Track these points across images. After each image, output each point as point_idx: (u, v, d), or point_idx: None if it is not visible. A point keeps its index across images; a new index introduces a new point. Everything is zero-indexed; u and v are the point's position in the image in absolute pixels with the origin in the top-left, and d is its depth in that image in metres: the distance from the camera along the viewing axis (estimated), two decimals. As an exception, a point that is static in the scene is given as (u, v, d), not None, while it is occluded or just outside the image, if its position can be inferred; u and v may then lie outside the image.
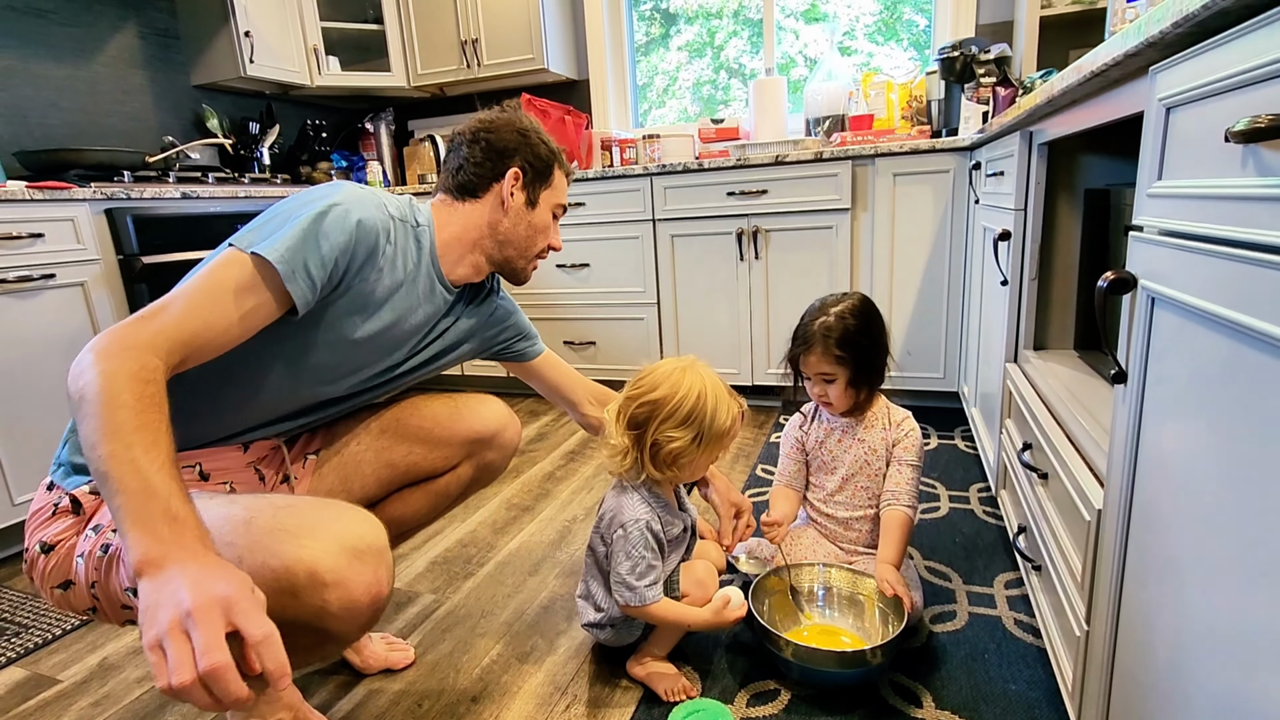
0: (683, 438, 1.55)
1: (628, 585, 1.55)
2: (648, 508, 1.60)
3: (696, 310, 3.74)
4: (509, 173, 1.52)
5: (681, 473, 1.60)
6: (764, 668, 1.74)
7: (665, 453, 1.57)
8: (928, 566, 2.12)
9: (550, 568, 2.27)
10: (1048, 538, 1.54)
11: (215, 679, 0.86)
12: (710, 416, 1.55)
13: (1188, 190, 0.95)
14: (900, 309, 3.36)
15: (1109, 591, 1.16)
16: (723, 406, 1.56)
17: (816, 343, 1.81)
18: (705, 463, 1.62)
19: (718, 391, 1.58)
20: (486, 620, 2.00)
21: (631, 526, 1.57)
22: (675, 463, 1.58)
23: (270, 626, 0.91)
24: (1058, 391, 1.68)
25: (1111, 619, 1.15)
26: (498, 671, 1.78)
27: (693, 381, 1.58)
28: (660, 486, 1.65)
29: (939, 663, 1.71)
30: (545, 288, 4.02)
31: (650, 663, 1.70)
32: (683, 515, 1.71)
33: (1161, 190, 1.02)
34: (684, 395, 1.56)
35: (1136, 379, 1.06)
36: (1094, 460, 1.35)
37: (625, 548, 1.57)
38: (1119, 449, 1.11)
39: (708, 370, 1.61)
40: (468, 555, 2.37)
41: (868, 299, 1.89)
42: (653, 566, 1.57)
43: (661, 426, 1.56)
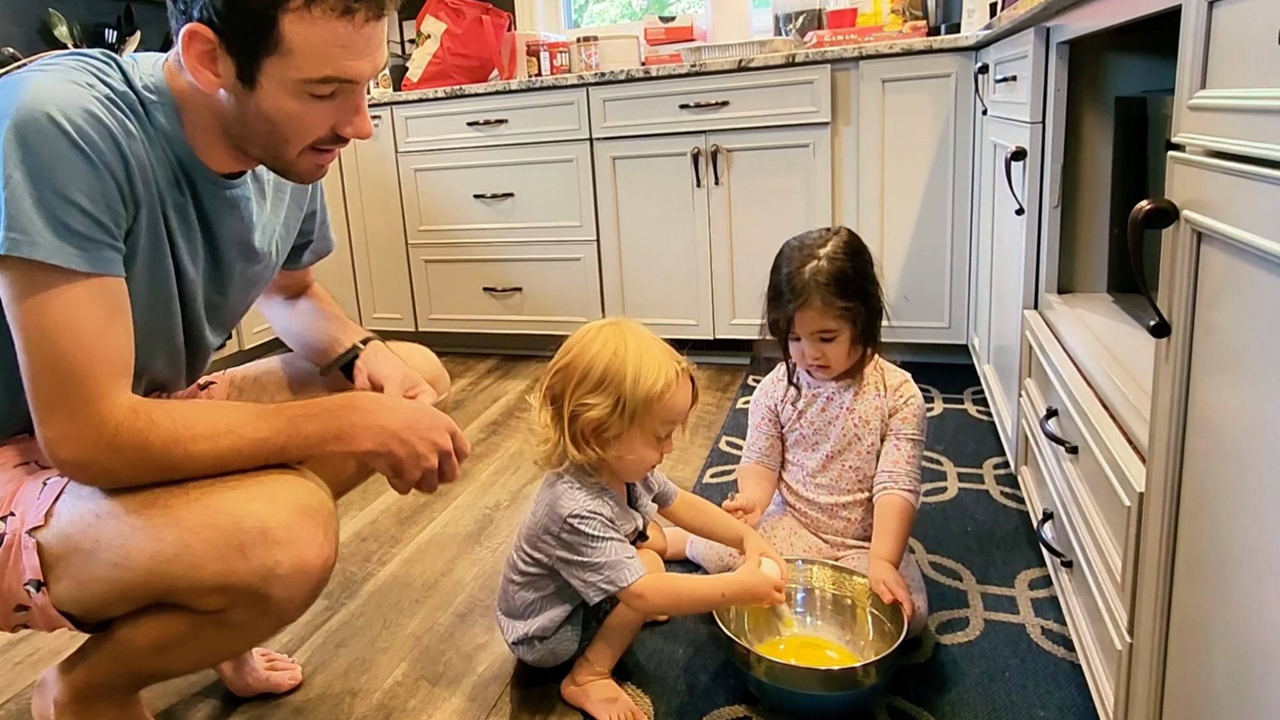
0: (599, 404, 1.57)
1: (611, 565, 1.57)
2: (591, 497, 1.62)
3: (644, 248, 3.77)
4: (183, 32, 1.22)
5: (611, 451, 1.60)
6: (731, 689, 1.73)
7: (584, 425, 1.58)
8: (932, 563, 2.12)
9: (467, 566, 2.27)
10: (1079, 526, 1.54)
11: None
12: (632, 378, 1.56)
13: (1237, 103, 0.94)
14: (894, 245, 3.39)
15: (1156, 594, 1.14)
16: (649, 366, 1.57)
17: (814, 294, 1.81)
18: (645, 442, 1.61)
19: (643, 349, 1.59)
20: (390, 632, 2.01)
21: (582, 523, 1.59)
22: (600, 437, 1.59)
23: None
24: (1088, 345, 1.67)
25: (1159, 628, 1.14)
26: (403, 696, 1.79)
27: (608, 338, 1.60)
28: (602, 476, 1.66)
29: (948, 683, 1.71)
30: (458, 222, 4.06)
31: (590, 683, 1.71)
32: (634, 515, 1.72)
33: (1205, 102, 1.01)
34: (596, 354, 1.58)
35: (1182, 331, 1.05)
36: (1133, 431, 1.34)
37: (578, 541, 1.59)
38: (1163, 417, 1.10)
39: (636, 328, 1.63)
40: (366, 552, 2.38)
41: (853, 233, 1.91)
42: (623, 543, 1.60)
43: (575, 394, 1.58)
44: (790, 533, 1.98)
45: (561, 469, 1.66)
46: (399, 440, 1.34)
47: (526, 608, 1.72)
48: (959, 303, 3.34)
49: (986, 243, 2.89)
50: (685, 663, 1.82)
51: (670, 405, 1.59)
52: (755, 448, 2.03)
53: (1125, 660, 1.27)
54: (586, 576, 1.60)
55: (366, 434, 1.33)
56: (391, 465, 1.35)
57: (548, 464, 1.66)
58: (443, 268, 4.16)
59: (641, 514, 1.74)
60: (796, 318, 1.84)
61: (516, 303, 4.04)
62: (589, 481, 1.64)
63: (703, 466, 2.76)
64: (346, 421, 1.32)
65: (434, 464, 1.36)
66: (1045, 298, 2.07)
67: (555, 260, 3.92)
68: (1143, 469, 1.24)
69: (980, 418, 3.00)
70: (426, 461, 1.36)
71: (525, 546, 1.70)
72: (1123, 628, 1.28)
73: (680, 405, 1.61)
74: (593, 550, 1.58)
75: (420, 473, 1.36)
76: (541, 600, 1.71)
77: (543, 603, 1.71)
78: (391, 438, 1.34)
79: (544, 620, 1.71)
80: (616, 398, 1.56)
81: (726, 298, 3.67)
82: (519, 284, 4.01)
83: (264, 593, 1.23)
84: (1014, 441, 2.30)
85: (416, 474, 1.36)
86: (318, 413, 1.32)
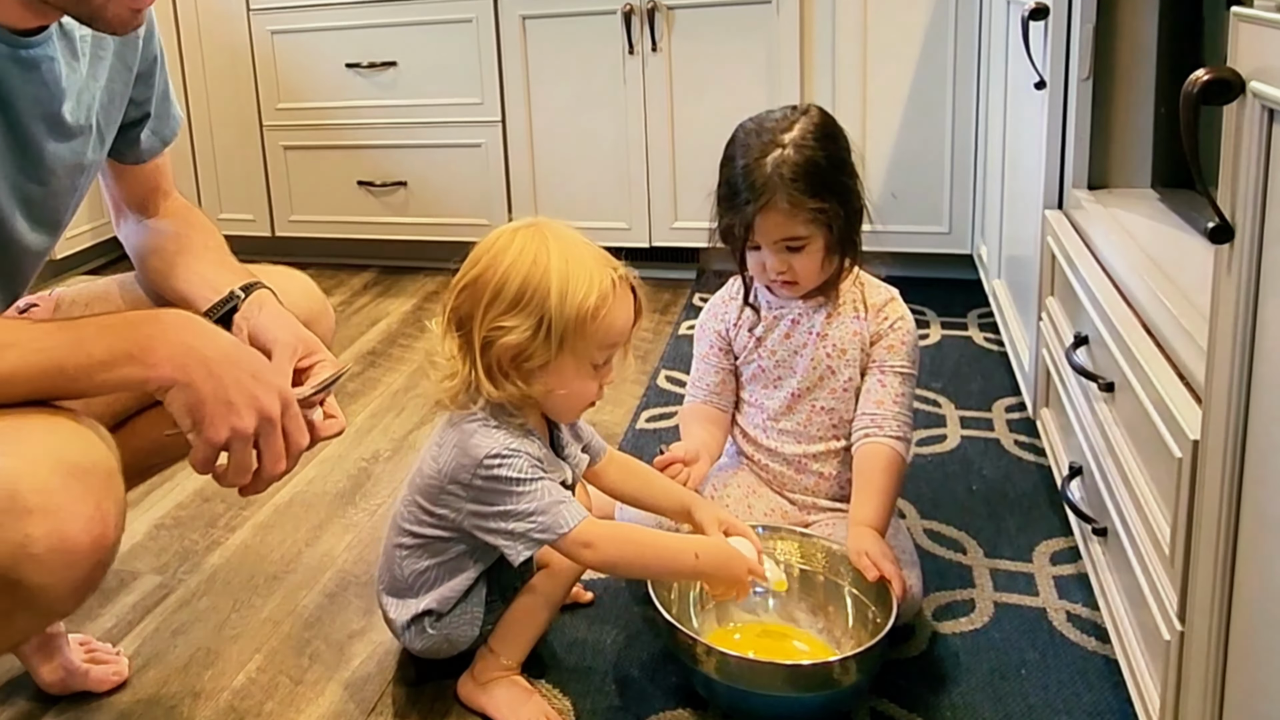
0: (518, 326, 1.56)
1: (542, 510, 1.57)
2: (512, 438, 1.62)
3: (562, 132, 3.79)
4: None
5: (537, 384, 1.61)
6: (672, 689, 1.73)
7: (500, 353, 1.58)
8: (928, 530, 2.14)
9: (338, 533, 2.28)
10: (1116, 484, 1.54)
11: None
12: (558, 292, 1.56)
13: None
14: (879, 129, 3.42)
15: (1214, 569, 1.14)
16: (579, 276, 1.57)
17: (778, 192, 1.80)
18: (579, 372, 1.62)
19: (570, 255, 1.59)
20: (241, 616, 2.01)
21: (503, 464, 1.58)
22: (521, 368, 1.59)
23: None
24: (1127, 253, 1.68)
25: (1218, 613, 1.14)
26: (258, 696, 1.79)
27: (525, 244, 1.60)
28: (528, 416, 1.66)
29: (948, 682, 1.71)
30: (326, 98, 4.08)
31: (494, 680, 1.71)
32: (562, 466, 1.71)
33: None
34: (512, 264, 1.58)
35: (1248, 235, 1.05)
36: (1185, 362, 1.34)
37: (502, 486, 1.59)
38: (1224, 344, 1.10)
39: (560, 230, 1.64)
40: (211, 515, 2.39)
41: (825, 113, 1.91)
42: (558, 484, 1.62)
43: (488, 315, 1.58)
44: (747, 492, 1.98)
45: (474, 409, 1.65)
46: (207, 371, 1.25)
47: (418, 579, 1.72)
48: (961, 201, 3.38)
49: (997, 125, 2.92)
50: (615, 655, 1.82)
51: (608, 324, 1.59)
52: (702, 384, 2.03)
53: (1175, 654, 1.27)
54: (512, 526, 1.59)
55: (166, 351, 1.25)
56: (189, 406, 1.25)
57: (455, 404, 1.65)
58: (307, 156, 4.16)
59: (570, 466, 1.74)
60: (757, 222, 1.83)
61: (400, 201, 4.05)
62: (509, 421, 1.64)
63: (636, 409, 2.77)
64: (144, 334, 1.25)
65: (247, 428, 1.26)
66: (1073, 194, 2.08)
67: (449, 147, 3.92)
68: (1198, 411, 1.23)
69: (989, 347, 3.03)
70: (238, 419, 1.25)
71: (421, 501, 1.69)
72: (1171, 612, 1.28)
73: (620, 323, 1.62)
74: (519, 496, 1.58)
75: (228, 433, 1.25)
76: (438, 569, 1.70)
77: (439, 572, 1.70)
78: (198, 364, 1.25)
79: (440, 594, 1.70)
80: (539, 317, 1.56)
81: (667, 196, 3.69)
82: (403, 177, 4.02)
83: (13, 577, 1.15)
84: (1032, 377, 2.32)
85: (222, 433, 1.25)
86: (115, 323, 1.26)
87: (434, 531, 1.69)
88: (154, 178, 1.78)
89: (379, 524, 2.27)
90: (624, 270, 1.63)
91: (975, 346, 3.03)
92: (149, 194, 1.78)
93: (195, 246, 1.71)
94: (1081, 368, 1.69)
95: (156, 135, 1.74)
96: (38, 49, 1.40)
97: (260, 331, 1.52)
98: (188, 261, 1.68)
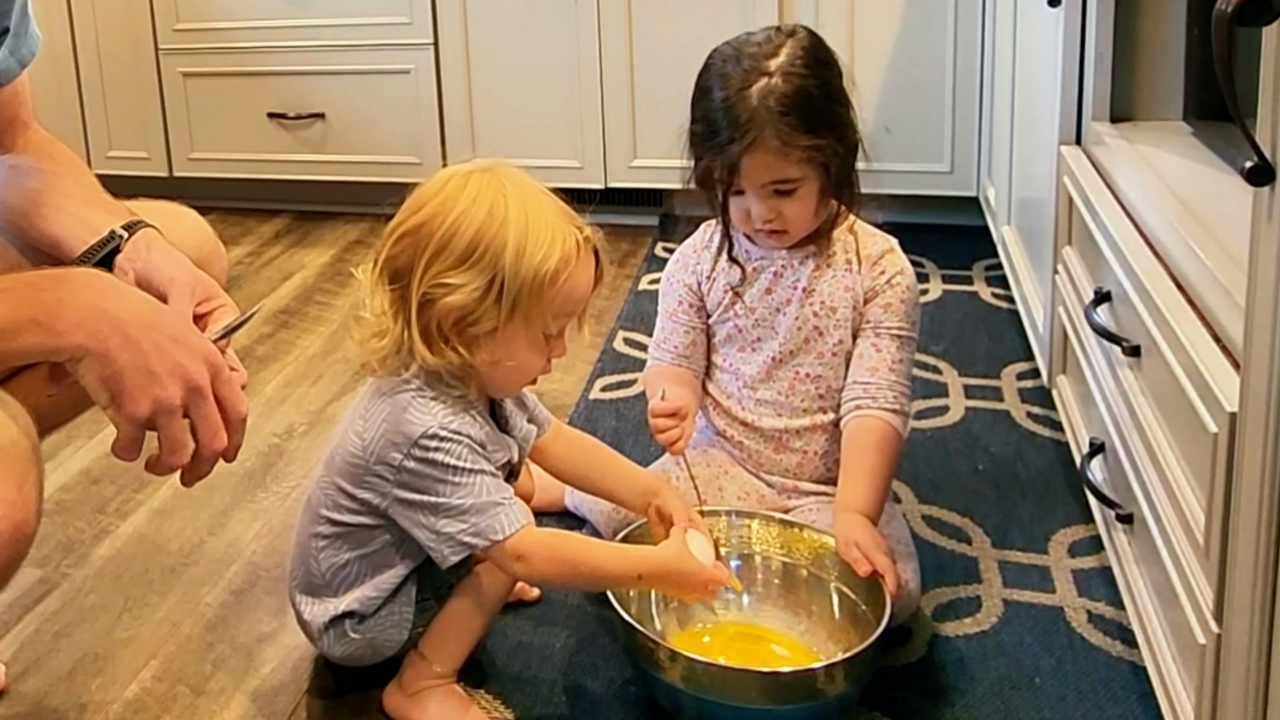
0: (466, 285, 1.56)
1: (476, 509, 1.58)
2: (452, 412, 1.62)
3: (504, 56, 3.80)
4: None
5: (481, 353, 1.60)
6: (631, 699, 1.74)
7: (441, 314, 1.57)
8: (927, 517, 2.14)
9: (246, 520, 2.29)
10: (1143, 463, 1.54)
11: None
12: (515, 249, 1.56)
13: None
14: (870, 54, 3.43)
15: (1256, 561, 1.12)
16: (540, 233, 1.57)
17: (767, 128, 1.80)
18: (530, 343, 1.63)
19: (531, 208, 1.60)
20: (134, 617, 2.01)
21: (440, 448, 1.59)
22: (464, 334, 1.59)
23: None
24: (1155, 196, 1.69)
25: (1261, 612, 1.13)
26: (154, 708, 1.78)
27: (480, 191, 1.59)
28: (469, 387, 1.66)
29: (950, 692, 1.72)
30: (231, 18, 4.07)
31: (426, 689, 1.71)
32: (506, 441, 1.72)
33: None
34: (464, 212, 1.57)
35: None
36: (1222, 322, 1.34)
37: (435, 472, 1.59)
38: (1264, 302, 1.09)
39: (519, 178, 1.64)
40: (101, 499, 2.39)
41: (814, 34, 1.90)
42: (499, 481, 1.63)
43: (431, 269, 1.57)
44: (718, 472, 2.00)
45: (407, 375, 1.65)
46: (123, 338, 1.23)
47: (337, 574, 1.70)
48: (965, 137, 3.41)
49: (1006, 49, 2.94)
50: (565, 661, 1.82)
51: (567, 289, 1.60)
52: (668, 345, 2.04)
53: (1210, 659, 1.27)
54: (442, 526, 1.59)
55: (75, 316, 1.23)
56: (105, 379, 1.25)
57: (383, 368, 1.65)
58: (209, 84, 4.15)
59: (516, 440, 1.75)
60: (742, 164, 1.82)
61: (317, 135, 4.06)
62: (447, 392, 1.64)
63: (589, 375, 2.79)
64: (50, 296, 1.23)
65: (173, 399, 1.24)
66: (1093, 128, 2.08)
67: (373, 73, 3.94)
68: (1235, 379, 1.23)
69: (997, 304, 3.06)
70: (162, 389, 1.24)
71: (342, 483, 1.68)
72: (1206, 611, 1.28)
73: (580, 290, 1.62)
74: (454, 488, 1.58)
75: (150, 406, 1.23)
76: (360, 563, 1.70)
77: (362, 567, 1.70)
78: (113, 330, 1.23)
79: (363, 593, 1.69)
80: (491, 276, 1.56)
81: (625, 129, 3.72)
82: (320, 108, 4.03)
83: None
84: (1047, 339, 2.33)
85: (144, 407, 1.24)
86: (12, 285, 1.24)
87: (356, 519, 1.67)
88: (12, 105, 1.76)
89: (292, 509, 2.23)
90: (589, 231, 1.63)
91: (981, 303, 3.05)
92: (5, 125, 1.77)
93: (65, 183, 1.71)
94: (1103, 328, 1.69)
95: (13, 55, 1.72)
96: None
97: (151, 273, 1.51)
98: (57, 201, 1.67)
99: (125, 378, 1.23)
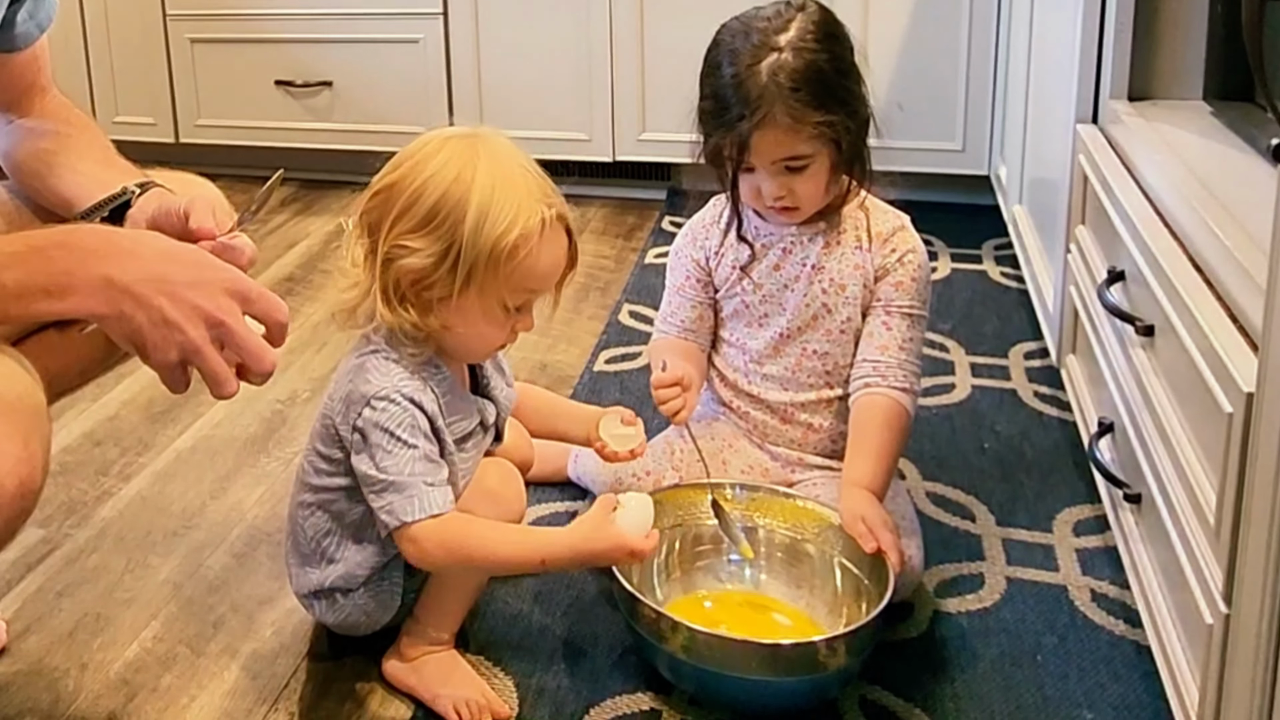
0: (423, 250, 1.58)
1: (396, 487, 1.59)
2: (409, 375, 1.64)
3: (513, 26, 3.80)
4: None
5: (434, 317, 1.63)
6: (632, 669, 1.74)
7: (399, 274, 1.60)
8: (931, 494, 2.15)
9: (249, 484, 2.30)
10: (1153, 443, 1.55)
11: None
12: (475, 218, 1.56)
13: None
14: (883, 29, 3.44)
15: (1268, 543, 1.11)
16: (503, 204, 1.57)
17: (777, 104, 1.79)
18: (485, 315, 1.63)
19: (500, 178, 1.59)
20: (135, 578, 2.02)
21: (383, 411, 1.60)
22: (420, 297, 1.61)
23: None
24: (1174, 175, 1.68)
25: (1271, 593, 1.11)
26: (154, 669, 1.79)
27: (453, 155, 1.60)
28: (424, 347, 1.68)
29: (950, 668, 1.73)
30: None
31: (423, 657, 1.72)
32: (476, 402, 1.74)
33: None
34: (432, 175, 1.58)
35: None
36: (1240, 303, 1.34)
37: (376, 438, 1.61)
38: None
39: (501, 146, 1.64)
40: (104, 461, 2.40)
41: (824, 8, 1.91)
42: (434, 462, 1.63)
43: (394, 229, 1.59)
44: (723, 445, 2.00)
45: (371, 329, 1.67)
46: (134, 300, 1.24)
47: (320, 543, 1.72)
48: (978, 115, 3.42)
49: (1023, 25, 2.94)
50: (565, 630, 1.83)
51: (526, 267, 1.59)
52: (675, 319, 2.05)
53: (1218, 640, 1.27)
54: (371, 499, 1.61)
55: (88, 288, 1.24)
56: (126, 336, 1.27)
57: (350, 319, 1.66)
58: (216, 51, 4.15)
59: (494, 402, 1.77)
60: (753, 141, 1.82)
61: (325, 104, 4.07)
62: (409, 354, 1.66)
63: (594, 347, 2.79)
64: (58, 267, 1.25)
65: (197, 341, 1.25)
66: (1110, 107, 2.08)
67: (382, 42, 3.93)
68: (1253, 360, 1.23)
69: (1006, 283, 3.07)
70: (183, 335, 1.25)
71: (319, 445, 1.71)
72: (1215, 592, 1.28)
73: (543, 268, 1.62)
74: (385, 456, 1.59)
75: (177, 354, 1.25)
76: (340, 534, 1.71)
77: (344, 536, 1.71)
78: (122, 294, 1.24)
79: (349, 565, 1.71)
80: (448, 245, 1.57)
81: (634, 102, 3.72)
82: (328, 76, 4.04)
83: None
84: (1057, 319, 2.34)
85: (172, 355, 1.25)
86: (22, 251, 1.25)
87: (333, 481, 1.69)
88: (31, 70, 1.77)
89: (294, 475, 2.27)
90: (561, 209, 1.62)
91: (990, 283, 3.05)
92: (25, 89, 1.77)
93: (79, 145, 1.71)
94: (1116, 308, 1.69)
95: (33, 19, 1.72)
96: None
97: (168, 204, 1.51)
98: (71, 161, 1.67)
99: (144, 333, 1.25)
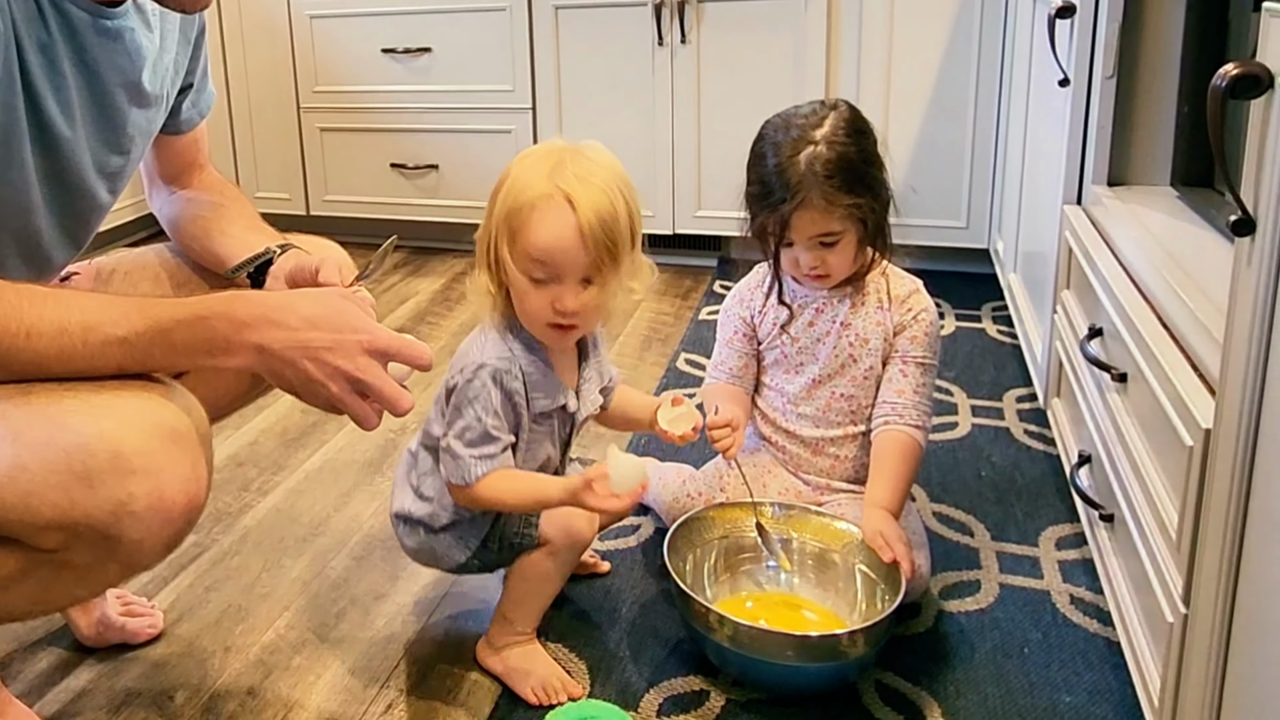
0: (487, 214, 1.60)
1: (451, 452, 1.60)
2: (502, 352, 1.62)
3: (591, 120, 3.79)
4: None
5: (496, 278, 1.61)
6: (685, 656, 1.75)
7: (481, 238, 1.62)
8: (937, 513, 2.14)
9: (366, 500, 2.31)
10: (1125, 472, 1.54)
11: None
12: (507, 187, 1.57)
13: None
14: (902, 123, 3.40)
15: (1221, 554, 1.14)
16: (528, 175, 1.56)
17: (814, 190, 1.79)
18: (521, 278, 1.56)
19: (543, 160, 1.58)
20: (271, 576, 2.04)
21: (470, 373, 1.61)
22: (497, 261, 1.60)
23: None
24: (1145, 248, 1.67)
25: (1224, 597, 1.14)
26: (286, 652, 1.81)
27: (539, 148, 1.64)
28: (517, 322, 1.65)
29: (952, 658, 1.73)
30: (362, 82, 4.06)
31: (510, 648, 1.72)
32: (563, 389, 1.69)
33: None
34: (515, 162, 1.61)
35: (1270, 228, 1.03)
36: (1200, 354, 1.34)
37: (458, 400, 1.61)
38: (1240, 335, 1.10)
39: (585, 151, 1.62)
40: (245, 479, 2.42)
41: (854, 107, 1.90)
42: (492, 436, 1.60)
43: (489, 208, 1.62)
44: (762, 471, 2.00)
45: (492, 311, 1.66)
46: (283, 362, 1.29)
47: (421, 479, 1.72)
48: (980, 197, 3.36)
49: (1019, 122, 2.90)
50: (630, 623, 1.84)
51: (530, 229, 1.53)
52: (724, 366, 2.03)
53: (1177, 636, 1.27)
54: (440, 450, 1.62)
55: (244, 353, 1.29)
56: (284, 389, 1.33)
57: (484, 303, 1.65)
58: (342, 138, 4.16)
59: (579, 396, 1.72)
60: (792, 220, 1.82)
61: (431, 183, 4.04)
62: (511, 336, 1.64)
63: (656, 389, 2.76)
64: (220, 335, 1.29)
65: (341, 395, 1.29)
66: (1093, 191, 2.06)
67: (480, 132, 3.91)
68: (1211, 401, 1.24)
69: (1002, 339, 3.03)
70: (328, 391, 1.29)
71: (441, 401, 1.69)
72: (1176, 596, 1.28)
73: (543, 237, 1.53)
74: (457, 420, 1.60)
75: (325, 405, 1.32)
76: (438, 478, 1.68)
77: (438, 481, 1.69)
78: (273, 359, 1.29)
79: (435, 507, 1.69)
80: (492, 207, 1.59)
81: (691, 184, 3.68)
82: (435, 160, 4.01)
83: (113, 533, 1.20)
84: (1044, 368, 2.31)
85: (319, 402, 1.32)
86: (187, 317, 1.28)
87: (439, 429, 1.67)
88: (192, 150, 1.80)
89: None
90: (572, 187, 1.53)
91: (988, 338, 3.02)
92: (186, 166, 1.80)
93: (231, 213, 1.73)
94: (1095, 358, 1.69)
95: (195, 107, 1.76)
96: (120, 20, 1.43)
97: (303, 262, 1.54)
98: (224, 226, 1.69)
99: (295, 387, 1.31)
